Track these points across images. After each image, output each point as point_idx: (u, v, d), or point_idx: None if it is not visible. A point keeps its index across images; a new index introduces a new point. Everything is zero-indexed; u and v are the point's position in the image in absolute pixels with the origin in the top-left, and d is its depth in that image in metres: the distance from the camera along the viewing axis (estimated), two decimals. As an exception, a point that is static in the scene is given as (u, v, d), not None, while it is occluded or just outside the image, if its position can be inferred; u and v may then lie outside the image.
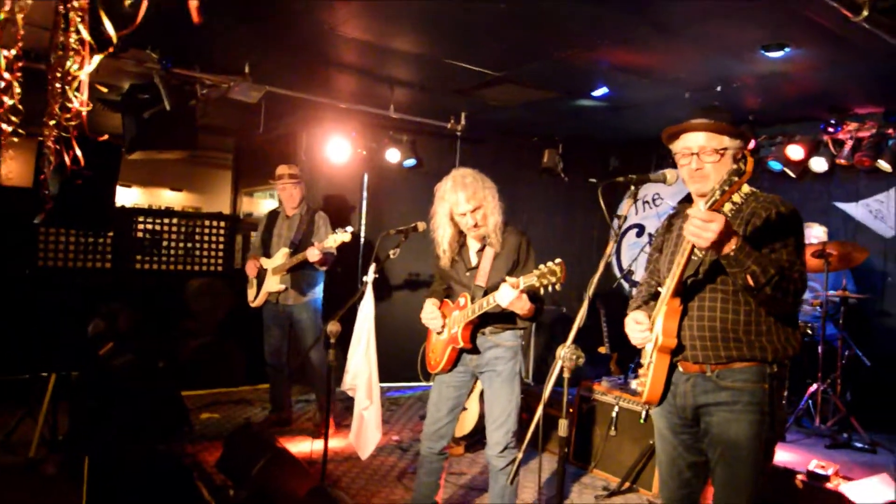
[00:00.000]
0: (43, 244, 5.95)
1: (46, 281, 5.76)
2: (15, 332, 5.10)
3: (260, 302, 4.75)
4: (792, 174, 5.72)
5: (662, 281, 2.24)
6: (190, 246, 7.22)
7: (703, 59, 4.30)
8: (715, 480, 2.11)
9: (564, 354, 1.87)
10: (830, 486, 3.31)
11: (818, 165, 5.54)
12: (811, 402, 4.78)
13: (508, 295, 2.57)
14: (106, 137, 3.00)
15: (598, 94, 5.16)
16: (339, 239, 4.12)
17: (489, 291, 2.79)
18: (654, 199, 7.15)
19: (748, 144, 2.14)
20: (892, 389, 5.04)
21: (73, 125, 2.45)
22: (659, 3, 3.44)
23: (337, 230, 4.16)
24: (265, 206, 7.61)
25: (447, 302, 3.03)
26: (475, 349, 2.91)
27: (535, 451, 2.96)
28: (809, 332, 4.91)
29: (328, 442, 3.34)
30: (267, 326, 4.81)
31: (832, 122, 5.37)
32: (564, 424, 1.88)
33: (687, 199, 2.32)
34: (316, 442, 4.33)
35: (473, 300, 2.84)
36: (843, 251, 4.74)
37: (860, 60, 4.09)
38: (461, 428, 4.47)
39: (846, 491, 3.20)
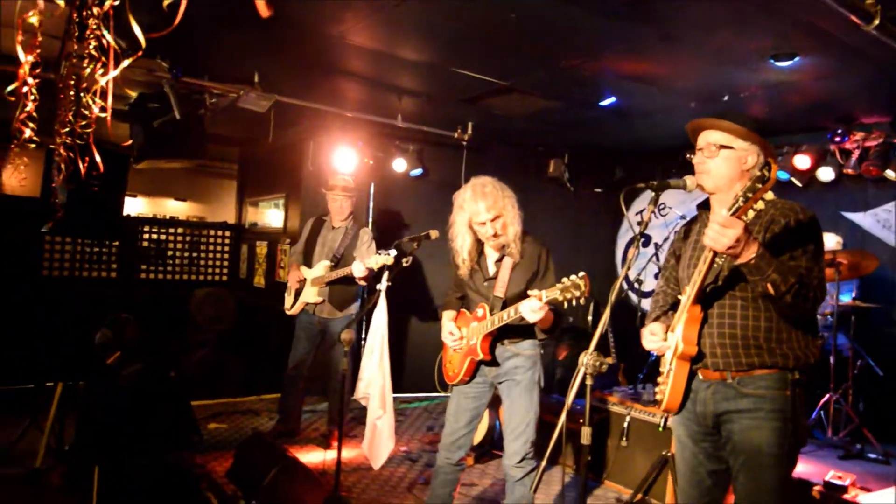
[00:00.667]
0: (49, 253, 5.95)
1: (52, 290, 5.75)
2: (21, 341, 5.08)
3: (297, 310, 4.72)
4: (799, 184, 5.71)
5: (682, 288, 2.23)
6: (195, 255, 7.23)
7: (710, 68, 4.31)
8: (738, 489, 2.09)
9: (587, 361, 1.85)
10: (848, 497, 3.27)
11: (825, 175, 5.54)
12: (823, 412, 4.74)
13: (533, 307, 2.55)
14: (119, 146, 2.99)
15: (605, 103, 5.17)
16: (381, 261, 3.98)
17: (508, 302, 2.77)
18: (660, 208, 7.14)
19: (765, 150, 2.13)
20: (904, 399, 5.00)
21: (88, 132, 2.45)
22: (667, 12, 3.45)
23: (380, 251, 4.04)
24: (270, 216, 7.60)
25: (464, 312, 3.00)
26: (494, 360, 2.88)
27: (546, 462, 2.91)
28: (819, 341, 4.88)
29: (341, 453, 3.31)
30: (297, 336, 4.76)
31: (839, 131, 5.37)
32: (588, 432, 1.86)
33: (704, 204, 2.31)
34: (328, 452, 4.30)
35: (492, 311, 2.81)
36: (853, 260, 4.73)
37: (868, 69, 4.10)
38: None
39: (864, 502, 3.17)
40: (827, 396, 4.66)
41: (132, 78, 4.58)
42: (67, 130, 2.57)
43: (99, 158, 2.26)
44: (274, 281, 6.61)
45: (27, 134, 2.37)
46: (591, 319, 5.91)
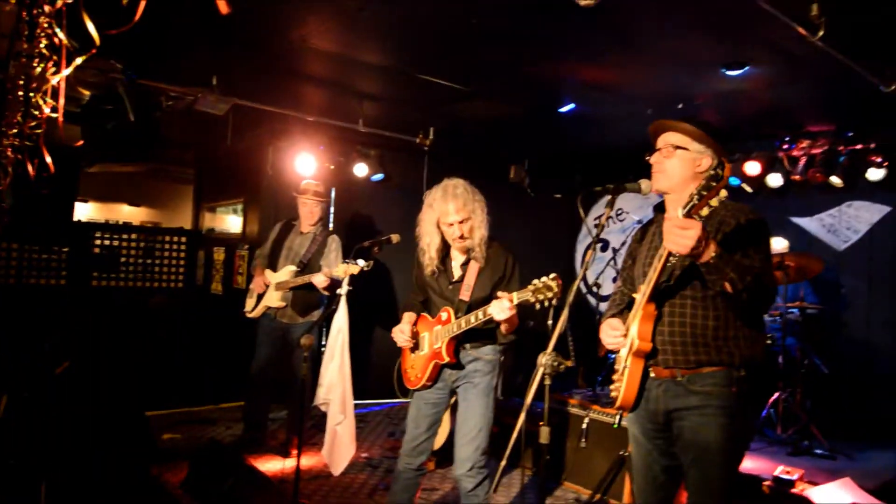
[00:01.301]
0: (-6, 260, 5.72)
1: (-3, 298, 5.53)
2: (-36, 351, 4.87)
3: (257, 314, 4.63)
4: (749, 189, 5.91)
5: (637, 288, 2.28)
6: (149, 262, 7.04)
7: (666, 76, 4.43)
8: (689, 484, 2.15)
9: (546, 361, 1.88)
10: (796, 490, 3.39)
11: (774, 181, 5.74)
12: (773, 410, 4.90)
13: (503, 307, 2.57)
14: (71, 146, 2.90)
15: (564, 109, 5.26)
16: (348, 270, 3.90)
17: (473, 306, 2.77)
18: (617, 214, 7.29)
19: (718, 154, 2.20)
20: (849, 397, 5.21)
21: (38, 133, 2.37)
22: (624, 20, 3.54)
23: (347, 260, 3.97)
24: (229, 221, 7.47)
25: (425, 316, 3.00)
26: (458, 364, 2.88)
27: (506, 461, 2.94)
28: (770, 342, 5.05)
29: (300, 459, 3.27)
30: (260, 341, 4.65)
31: (787, 139, 5.59)
32: (546, 432, 1.88)
33: (660, 207, 2.38)
34: (287, 461, 4.23)
35: (457, 314, 2.81)
36: (800, 262, 4.91)
37: (814, 79, 4.28)
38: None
39: (811, 495, 3.29)
40: (776, 395, 4.82)
41: (85, 79, 4.45)
42: (16, 132, 2.48)
43: (49, 160, 2.19)
44: (232, 287, 6.49)
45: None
46: (550, 323, 5.97)
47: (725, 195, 1.82)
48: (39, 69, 1.99)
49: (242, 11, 3.58)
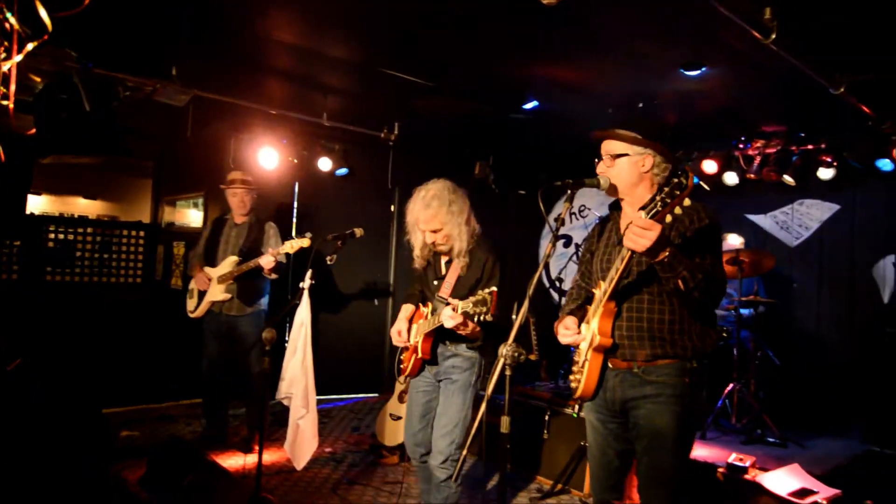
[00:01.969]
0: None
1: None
2: None
3: (201, 312, 4.56)
4: (706, 187, 6.06)
5: (595, 283, 2.34)
6: (106, 256, 6.86)
7: (627, 76, 4.52)
8: (641, 470, 2.23)
9: (507, 352, 1.91)
10: (748, 476, 3.52)
11: (730, 179, 5.91)
12: (728, 401, 5.06)
13: (447, 314, 2.60)
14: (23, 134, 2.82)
15: (528, 107, 5.32)
16: (296, 244, 3.96)
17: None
18: (580, 210, 7.40)
19: (661, 153, 2.26)
20: (800, 388, 5.41)
21: (-12, 121, 2.30)
22: (589, 20, 3.60)
23: (294, 236, 4.00)
24: (189, 215, 7.31)
25: (419, 309, 3.04)
26: (434, 360, 2.90)
27: (466, 451, 2.97)
28: (725, 335, 5.20)
29: (262, 454, 3.25)
30: (207, 339, 4.59)
31: (742, 138, 5.75)
32: (507, 421, 1.92)
33: (615, 205, 2.44)
34: (248, 456, 4.19)
35: (435, 311, 2.83)
36: (754, 258, 5.07)
37: (767, 81, 4.42)
38: (394, 437, 4.44)
39: (762, 481, 3.41)
40: (731, 386, 4.97)
41: (38, 67, 4.31)
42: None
43: None
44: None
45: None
46: (514, 318, 6.04)
47: (689, 203, 1.86)
48: (-10, 54, 1.93)
49: (204, 2, 3.54)
